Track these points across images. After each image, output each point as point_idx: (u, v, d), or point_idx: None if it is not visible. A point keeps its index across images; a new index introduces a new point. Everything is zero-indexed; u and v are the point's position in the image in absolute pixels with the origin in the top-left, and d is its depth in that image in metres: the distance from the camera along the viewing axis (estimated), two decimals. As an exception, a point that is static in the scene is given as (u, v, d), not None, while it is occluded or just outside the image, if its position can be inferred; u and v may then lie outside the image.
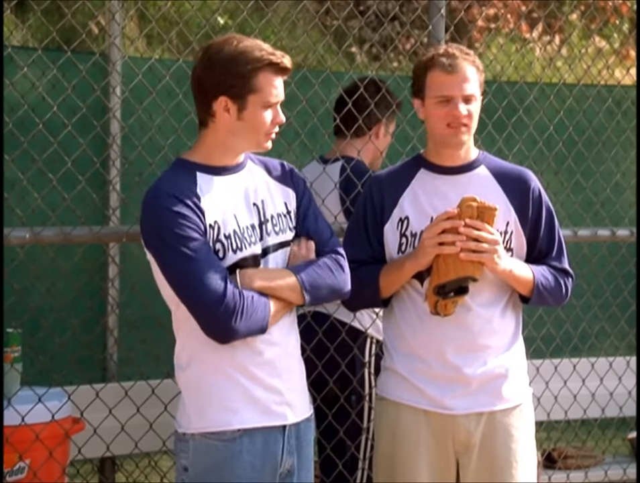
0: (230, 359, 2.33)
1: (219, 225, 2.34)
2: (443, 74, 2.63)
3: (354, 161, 3.36)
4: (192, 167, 2.37)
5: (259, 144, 2.40)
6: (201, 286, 2.28)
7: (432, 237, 2.58)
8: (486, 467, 2.68)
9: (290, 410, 2.39)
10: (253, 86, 2.33)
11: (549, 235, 2.75)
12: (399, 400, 2.70)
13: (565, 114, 4.01)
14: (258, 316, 2.32)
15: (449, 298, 2.57)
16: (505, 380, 2.69)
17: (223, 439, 2.33)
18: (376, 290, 2.68)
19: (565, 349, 4.20)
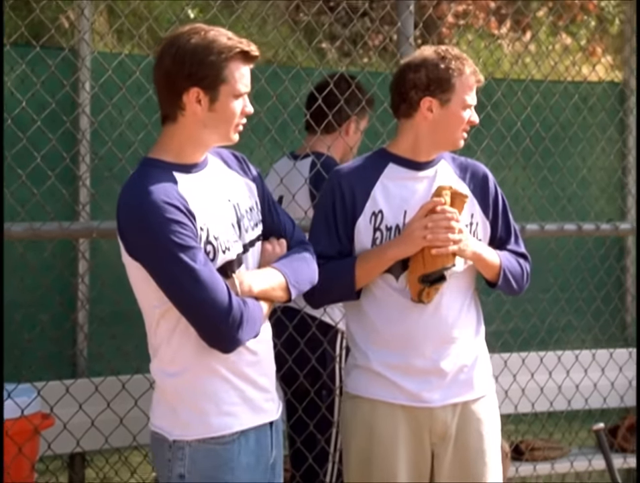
0: (224, 363, 2.30)
1: (208, 227, 2.28)
2: (474, 84, 2.73)
3: (324, 157, 3.38)
4: (167, 167, 2.28)
5: (228, 136, 2.34)
6: (206, 298, 2.21)
7: (422, 229, 2.64)
8: (460, 456, 2.75)
9: (274, 405, 2.41)
10: (225, 76, 2.27)
11: (505, 222, 2.85)
12: (375, 397, 2.73)
13: (533, 110, 4.06)
14: (257, 323, 2.30)
15: (432, 286, 2.65)
16: (474, 370, 2.77)
17: (222, 443, 2.30)
18: (352, 282, 2.69)
19: (533, 343, 4.26)
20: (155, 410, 2.36)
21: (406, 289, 2.70)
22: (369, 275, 2.70)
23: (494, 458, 2.81)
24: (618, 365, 4.25)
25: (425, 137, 2.75)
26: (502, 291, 2.88)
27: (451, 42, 7.52)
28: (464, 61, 2.72)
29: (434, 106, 2.71)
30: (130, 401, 3.31)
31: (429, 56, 2.73)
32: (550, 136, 4.10)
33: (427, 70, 2.70)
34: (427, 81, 2.70)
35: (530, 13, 7.95)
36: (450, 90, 2.70)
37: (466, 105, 2.72)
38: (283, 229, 2.48)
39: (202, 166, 2.35)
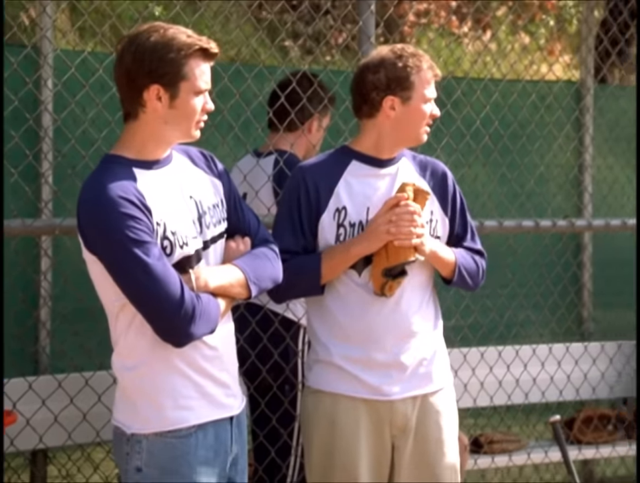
0: (182, 357, 2.34)
1: (165, 222, 2.31)
2: (432, 78, 2.79)
3: (287, 154, 3.42)
4: (127, 163, 2.32)
5: (189, 133, 2.37)
6: (159, 292, 2.25)
7: (386, 223, 2.69)
8: (420, 447, 2.81)
9: (234, 400, 2.44)
10: (185, 73, 2.30)
11: (463, 219, 2.92)
12: (336, 391, 2.78)
13: (492, 108, 4.13)
14: (212, 318, 2.33)
15: (395, 279, 2.71)
16: (433, 364, 2.83)
17: (179, 436, 2.34)
18: (317, 278, 2.74)
19: (492, 337, 4.34)
20: (117, 405, 2.40)
21: (368, 284, 2.75)
22: (334, 271, 2.75)
23: (453, 449, 2.88)
24: (574, 358, 4.34)
25: (388, 135, 2.80)
26: (458, 287, 2.94)
27: (412, 41, 7.59)
28: (421, 57, 2.78)
29: (396, 104, 2.76)
30: (93, 397, 3.33)
31: (386, 55, 2.78)
32: (508, 134, 4.16)
33: (386, 70, 2.75)
34: (387, 81, 2.75)
35: (490, 12, 8.05)
36: (410, 87, 2.75)
37: (427, 100, 2.78)
38: (248, 227, 2.51)
39: (165, 163, 2.38)
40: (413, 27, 8.56)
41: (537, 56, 6.10)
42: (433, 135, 3.72)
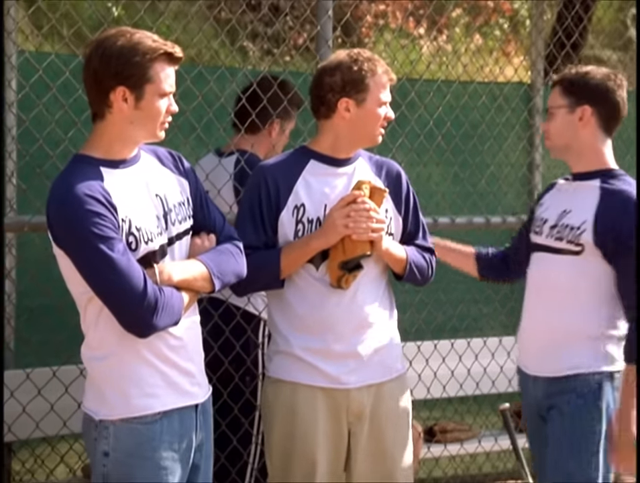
0: (148, 348, 2.44)
1: (130, 218, 2.40)
2: (387, 82, 2.90)
3: (248, 154, 3.51)
4: (95, 162, 2.41)
5: (154, 133, 2.46)
6: (122, 285, 2.35)
7: (343, 218, 2.80)
8: (375, 433, 2.92)
9: (199, 389, 2.55)
10: (150, 76, 2.40)
11: (415, 218, 3.03)
12: (296, 380, 2.88)
13: (445, 109, 4.25)
14: (175, 310, 2.43)
15: (351, 273, 2.82)
16: (388, 354, 2.94)
17: (144, 422, 2.44)
18: (277, 271, 2.84)
19: (445, 330, 4.46)
20: (86, 393, 2.50)
21: (325, 277, 2.86)
22: (293, 265, 2.85)
23: (406, 435, 3.00)
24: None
25: (345, 136, 2.91)
26: (408, 282, 3.05)
27: (370, 42, 7.70)
28: (376, 62, 2.89)
29: (351, 106, 2.87)
30: (61, 390, 3.39)
31: (342, 59, 2.89)
32: (460, 134, 4.28)
33: (342, 73, 2.86)
34: (342, 83, 2.86)
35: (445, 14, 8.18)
36: (365, 90, 2.86)
37: (381, 103, 2.89)
38: (213, 224, 2.62)
39: (132, 162, 2.48)
40: (371, 28, 8.69)
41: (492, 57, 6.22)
42: (390, 134, 3.85)
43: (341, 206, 2.83)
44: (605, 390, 2.93)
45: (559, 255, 2.96)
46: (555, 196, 3.11)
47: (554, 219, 3.01)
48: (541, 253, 3.03)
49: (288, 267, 2.86)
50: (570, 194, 3.02)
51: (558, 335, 2.95)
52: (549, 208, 3.07)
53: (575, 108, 2.96)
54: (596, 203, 2.92)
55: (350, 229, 2.81)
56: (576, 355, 2.93)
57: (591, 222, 2.90)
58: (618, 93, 2.98)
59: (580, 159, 3.01)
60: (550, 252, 2.99)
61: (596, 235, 2.89)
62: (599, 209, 2.90)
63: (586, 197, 2.95)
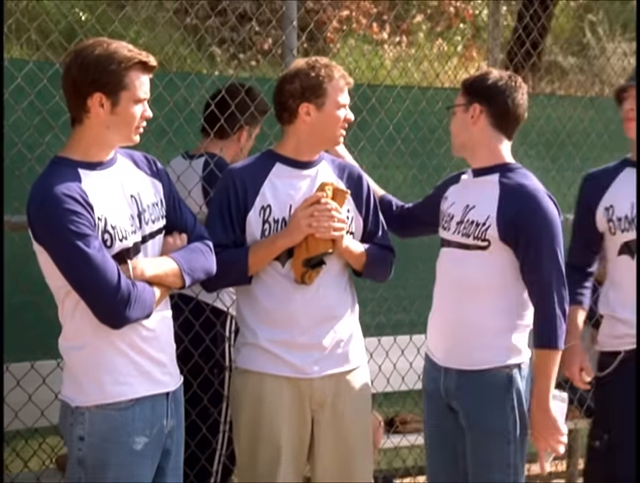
0: (122, 339, 2.59)
1: (106, 217, 2.55)
2: (345, 86, 3.04)
3: (216, 158, 3.64)
4: (73, 164, 2.56)
5: (129, 137, 2.61)
6: (97, 279, 2.49)
7: (306, 217, 2.96)
8: (336, 420, 3.07)
9: (170, 378, 2.70)
10: (126, 84, 2.55)
11: (375, 217, 3.18)
12: (262, 371, 3.02)
13: (405, 114, 4.39)
14: (147, 304, 2.58)
15: (314, 269, 2.98)
16: (350, 345, 3.10)
17: (117, 409, 2.59)
18: (245, 268, 2.99)
19: (404, 324, 4.57)
20: (64, 382, 2.64)
21: (290, 274, 3.01)
22: (260, 262, 3.00)
23: (366, 423, 3.15)
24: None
25: (307, 139, 3.06)
26: (368, 279, 3.21)
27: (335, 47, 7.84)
28: (332, 68, 3.04)
29: (311, 110, 3.02)
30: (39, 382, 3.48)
31: (301, 67, 3.06)
32: (419, 138, 4.41)
33: (300, 79, 3.02)
34: (302, 89, 3.01)
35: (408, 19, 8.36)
36: (323, 94, 3.01)
37: (340, 105, 3.04)
38: (185, 224, 2.78)
39: (108, 165, 2.63)
40: (336, 33, 8.83)
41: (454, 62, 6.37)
42: (353, 138, 4.03)
43: (305, 207, 2.98)
44: (515, 380, 3.07)
45: (467, 250, 3.09)
46: (459, 191, 3.23)
47: (459, 215, 3.14)
48: (450, 249, 3.16)
49: (255, 265, 3.00)
50: (472, 190, 3.16)
51: (468, 329, 3.08)
52: (454, 204, 3.19)
53: (469, 106, 3.12)
54: (497, 198, 3.05)
55: (313, 228, 2.96)
56: (487, 348, 3.06)
57: (494, 218, 3.03)
58: (510, 94, 3.09)
59: (475, 155, 3.15)
60: (458, 248, 3.12)
61: (500, 230, 3.02)
62: (500, 204, 3.04)
63: (487, 192, 3.08)
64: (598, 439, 3.30)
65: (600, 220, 3.32)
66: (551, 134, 5.04)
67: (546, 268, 3.02)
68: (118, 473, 2.59)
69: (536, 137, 5.11)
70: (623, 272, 3.30)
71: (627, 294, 3.28)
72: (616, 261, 3.31)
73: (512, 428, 3.06)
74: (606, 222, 3.30)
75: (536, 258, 3.02)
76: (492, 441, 3.07)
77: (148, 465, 2.64)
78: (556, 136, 4.98)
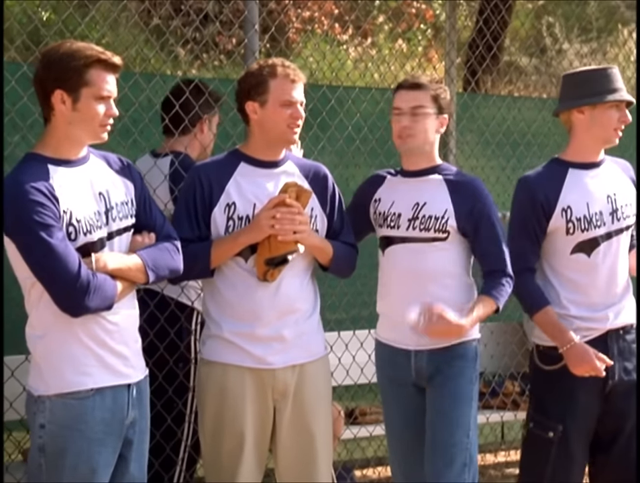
0: (84, 329, 2.68)
1: (71, 211, 2.65)
2: (287, 82, 3.10)
3: (182, 156, 3.73)
4: (44, 160, 2.67)
5: (95, 134, 2.71)
6: (58, 267, 2.58)
7: (269, 218, 3.05)
8: (298, 410, 3.17)
9: (133, 371, 2.79)
10: (86, 80, 2.64)
11: (340, 216, 3.29)
12: (226, 362, 3.12)
13: (364, 115, 4.49)
14: (107, 295, 2.67)
15: (276, 268, 3.08)
16: (311, 337, 3.20)
17: (77, 398, 2.68)
18: (208, 262, 3.08)
19: (362, 317, 4.68)
20: (30, 372, 2.74)
21: (253, 269, 3.11)
22: (223, 257, 3.10)
23: (327, 413, 3.26)
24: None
25: (259, 138, 3.16)
26: (334, 274, 3.33)
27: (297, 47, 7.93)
28: (278, 66, 3.11)
29: (256, 108, 3.12)
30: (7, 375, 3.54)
31: (251, 67, 3.20)
32: (377, 138, 4.51)
33: (247, 79, 3.15)
34: (248, 88, 3.13)
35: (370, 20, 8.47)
36: (265, 91, 3.10)
37: (283, 102, 3.10)
38: (154, 224, 2.88)
39: (80, 162, 2.74)
40: (298, 34, 8.93)
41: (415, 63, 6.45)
42: (314, 137, 4.14)
43: (268, 208, 3.07)
44: (478, 354, 3.36)
45: (427, 243, 3.30)
46: (394, 191, 3.40)
47: (410, 213, 3.32)
48: (404, 244, 3.33)
49: (217, 259, 3.10)
50: (415, 189, 3.35)
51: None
52: (395, 203, 3.36)
53: (439, 116, 3.35)
54: (447, 193, 3.30)
55: (275, 230, 3.05)
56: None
57: (452, 210, 3.28)
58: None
59: (426, 156, 3.37)
60: (417, 242, 3.31)
61: (458, 220, 3.27)
62: (453, 198, 3.29)
63: (436, 189, 3.32)
64: (552, 430, 3.42)
65: (557, 221, 3.42)
66: (505, 134, 5.19)
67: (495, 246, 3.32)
68: (76, 460, 2.67)
69: (490, 136, 5.26)
70: (577, 270, 3.43)
71: (583, 292, 3.42)
72: (568, 259, 3.43)
73: (475, 394, 3.32)
74: (565, 223, 3.41)
75: (487, 238, 3.30)
76: (460, 407, 3.28)
77: (108, 453, 2.72)
78: (510, 136, 5.13)
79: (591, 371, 3.35)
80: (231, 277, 3.13)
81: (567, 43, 9.85)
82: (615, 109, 3.42)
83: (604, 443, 3.47)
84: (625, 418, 3.47)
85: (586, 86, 3.42)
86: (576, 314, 3.41)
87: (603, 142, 3.47)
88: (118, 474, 2.77)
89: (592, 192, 3.45)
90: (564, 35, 9.90)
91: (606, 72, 3.46)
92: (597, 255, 3.42)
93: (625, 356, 3.46)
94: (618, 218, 3.46)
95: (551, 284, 3.46)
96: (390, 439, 3.51)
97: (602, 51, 9.17)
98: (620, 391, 3.45)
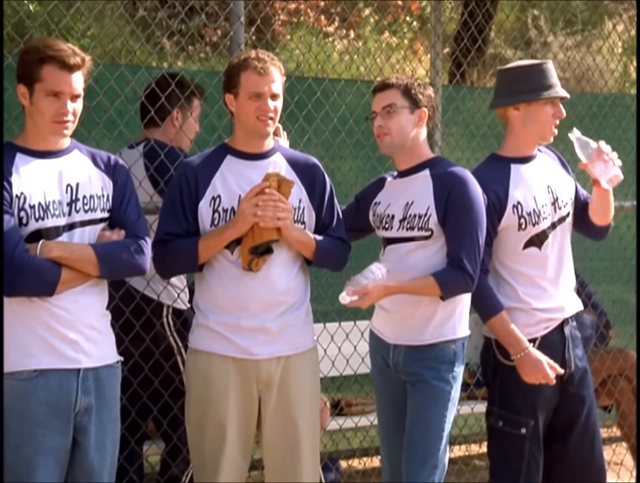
0: (31, 313, 2.73)
1: (25, 196, 2.73)
2: (255, 74, 3.10)
3: (153, 141, 3.70)
4: (15, 149, 2.79)
5: (51, 129, 2.78)
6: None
7: (251, 207, 3.06)
8: (283, 401, 3.19)
9: (84, 356, 2.81)
10: (38, 76, 2.73)
11: (330, 209, 3.30)
12: (211, 351, 3.14)
13: (350, 107, 4.50)
14: (45, 280, 2.71)
15: (261, 257, 3.10)
16: (298, 330, 3.22)
17: (19, 379, 2.73)
18: (195, 257, 3.10)
19: (348, 309, 4.72)
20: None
21: (239, 261, 3.13)
22: (209, 251, 3.12)
23: (313, 404, 3.27)
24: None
25: (240, 130, 3.19)
26: (321, 267, 3.34)
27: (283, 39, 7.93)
28: (249, 59, 3.12)
29: (231, 101, 3.16)
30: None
31: (230, 62, 3.21)
32: (362, 130, 4.53)
33: (226, 71, 3.18)
34: (225, 81, 3.16)
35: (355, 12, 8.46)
36: (236, 84, 3.12)
37: (252, 95, 3.10)
38: (125, 221, 2.91)
39: (55, 155, 2.81)
40: (284, 26, 8.92)
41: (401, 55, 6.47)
42: (300, 129, 4.14)
43: (249, 198, 3.09)
44: (458, 355, 3.33)
45: (412, 242, 3.30)
46: (390, 194, 3.43)
47: (401, 213, 3.34)
48: (395, 245, 3.35)
49: (205, 254, 3.12)
50: (405, 188, 3.36)
51: (417, 308, 3.30)
52: (390, 205, 3.38)
53: (415, 110, 3.32)
54: (431, 189, 3.28)
55: (258, 217, 3.07)
56: (436, 324, 3.30)
57: (433, 207, 3.25)
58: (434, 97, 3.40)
59: (411, 155, 3.36)
60: (404, 242, 3.32)
61: (439, 215, 3.24)
62: (435, 193, 3.26)
63: (421, 186, 3.30)
64: (524, 426, 3.43)
65: (509, 218, 3.43)
66: (489, 126, 5.21)
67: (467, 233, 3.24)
68: (18, 440, 2.71)
69: (475, 128, 5.27)
70: (530, 264, 3.44)
71: (538, 285, 3.44)
72: (520, 255, 3.44)
73: (453, 396, 3.31)
74: (517, 219, 3.43)
75: (458, 223, 3.23)
76: (434, 409, 3.28)
77: (53, 436, 2.75)
78: (494, 128, 5.15)
79: (542, 380, 3.37)
80: (218, 269, 3.15)
81: (552, 35, 9.88)
82: (550, 105, 3.45)
83: (558, 432, 3.51)
84: (581, 403, 3.52)
85: (521, 83, 3.43)
86: (537, 307, 3.43)
87: (539, 138, 3.50)
88: (76, 461, 2.82)
89: (535, 185, 3.47)
90: (549, 28, 9.93)
91: (541, 67, 3.47)
92: (547, 248, 3.46)
93: (576, 343, 3.52)
94: (559, 207, 3.50)
95: (505, 281, 3.45)
96: (380, 428, 3.53)
97: (587, 44, 9.20)
98: (575, 377, 3.50)
